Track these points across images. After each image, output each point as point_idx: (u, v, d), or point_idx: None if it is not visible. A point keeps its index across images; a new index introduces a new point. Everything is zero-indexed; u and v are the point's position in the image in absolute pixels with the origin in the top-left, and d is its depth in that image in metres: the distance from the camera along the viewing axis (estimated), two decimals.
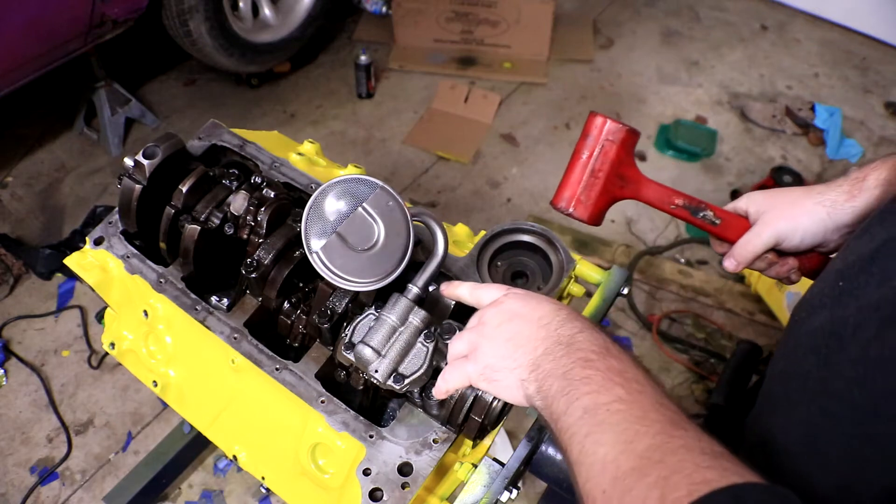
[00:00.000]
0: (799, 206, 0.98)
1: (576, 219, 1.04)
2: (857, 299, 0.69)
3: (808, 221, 0.97)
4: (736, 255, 1.02)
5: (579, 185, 1.02)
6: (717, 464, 0.59)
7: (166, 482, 2.16)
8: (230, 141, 1.33)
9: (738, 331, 2.71)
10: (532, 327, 0.80)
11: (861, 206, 0.94)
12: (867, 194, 0.94)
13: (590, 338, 0.76)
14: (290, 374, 1.09)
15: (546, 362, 0.76)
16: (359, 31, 4.14)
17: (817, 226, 0.97)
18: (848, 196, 0.95)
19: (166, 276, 1.20)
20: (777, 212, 0.99)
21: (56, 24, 2.65)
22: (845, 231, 0.98)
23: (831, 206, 0.96)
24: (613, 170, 1.02)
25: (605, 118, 1.01)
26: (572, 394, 0.70)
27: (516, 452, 1.02)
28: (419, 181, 3.30)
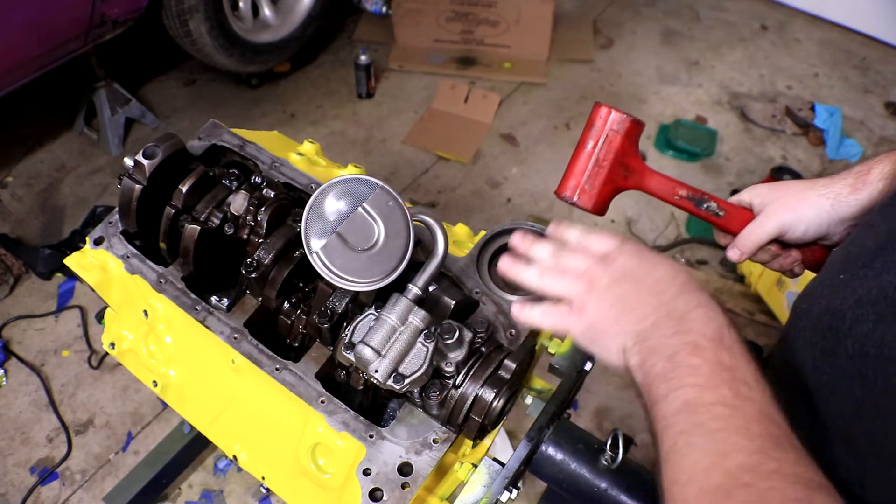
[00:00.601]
0: (803, 198, 0.98)
1: (580, 208, 1.03)
2: (854, 291, 0.69)
3: (812, 213, 0.97)
4: (740, 245, 1.02)
5: (584, 175, 1.01)
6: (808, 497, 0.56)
7: (166, 482, 2.16)
8: (230, 141, 1.33)
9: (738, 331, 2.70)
10: (644, 292, 0.74)
11: (865, 199, 0.94)
12: (871, 187, 0.94)
13: (704, 318, 0.70)
14: (290, 374, 1.09)
15: (653, 337, 0.71)
16: (359, 31, 4.14)
17: (821, 217, 0.97)
18: (852, 189, 0.95)
19: (166, 276, 1.20)
20: (781, 203, 0.99)
21: (56, 24, 2.65)
22: (849, 224, 0.98)
23: (835, 199, 0.96)
24: (618, 160, 1.02)
25: (609, 108, 1.01)
26: (675, 381, 0.66)
27: (516, 452, 1.02)
28: (419, 181, 3.30)
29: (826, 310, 0.73)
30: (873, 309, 0.65)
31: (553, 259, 0.82)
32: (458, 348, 0.96)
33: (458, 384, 0.98)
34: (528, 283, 0.82)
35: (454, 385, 0.98)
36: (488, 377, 0.97)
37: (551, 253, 0.83)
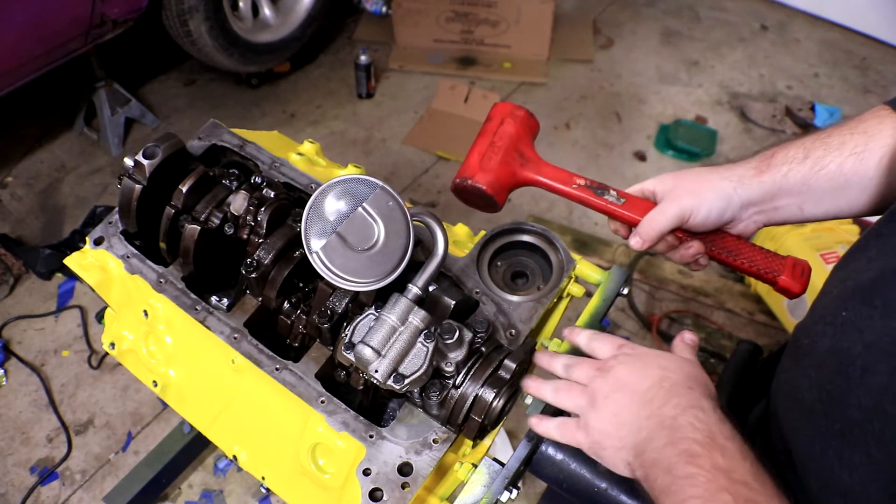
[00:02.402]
0: (705, 182, 0.97)
1: (476, 189, 1.03)
2: (861, 334, 0.67)
3: (714, 196, 0.95)
4: (641, 233, 1.00)
5: (479, 156, 1.04)
6: None
7: (166, 482, 2.16)
8: (230, 141, 1.33)
9: (738, 331, 2.71)
10: (636, 404, 0.79)
11: (769, 183, 0.94)
12: (774, 171, 0.94)
13: (694, 421, 0.73)
14: (290, 374, 1.09)
15: (649, 449, 0.74)
16: (359, 31, 4.14)
17: (723, 201, 0.96)
18: (756, 171, 0.95)
19: (166, 276, 1.20)
20: (682, 188, 0.98)
21: (56, 24, 2.65)
22: (753, 210, 0.97)
23: (738, 182, 0.95)
24: (513, 144, 1.04)
25: (506, 102, 1.06)
26: (677, 494, 0.69)
27: (516, 452, 1.02)
28: (419, 181, 3.30)
29: (832, 350, 0.71)
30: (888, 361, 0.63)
31: (565, 372, 0.91)
32: (458, 348, 0.96)
33: (458, 384, 0.98)
34: (547, 399, 0.91)
35: (454, 385, 0.98)
36: (488, 377, 0.97)
37: (564, 366, 0.92)
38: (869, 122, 0.93)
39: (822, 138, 0.94)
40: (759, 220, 1.00)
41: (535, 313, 1.13)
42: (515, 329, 1.11)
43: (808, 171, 0.93)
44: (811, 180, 0.93)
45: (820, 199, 0.95)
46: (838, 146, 0.93)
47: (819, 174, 0.93)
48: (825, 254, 2.50)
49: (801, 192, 0.95)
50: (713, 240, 1.01)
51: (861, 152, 0.91)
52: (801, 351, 0.78)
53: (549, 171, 1.05)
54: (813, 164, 0.93)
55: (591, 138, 3.52)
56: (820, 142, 0.94)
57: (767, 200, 0.96)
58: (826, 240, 2.57)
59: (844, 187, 0.92)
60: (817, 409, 0.72)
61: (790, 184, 0.94)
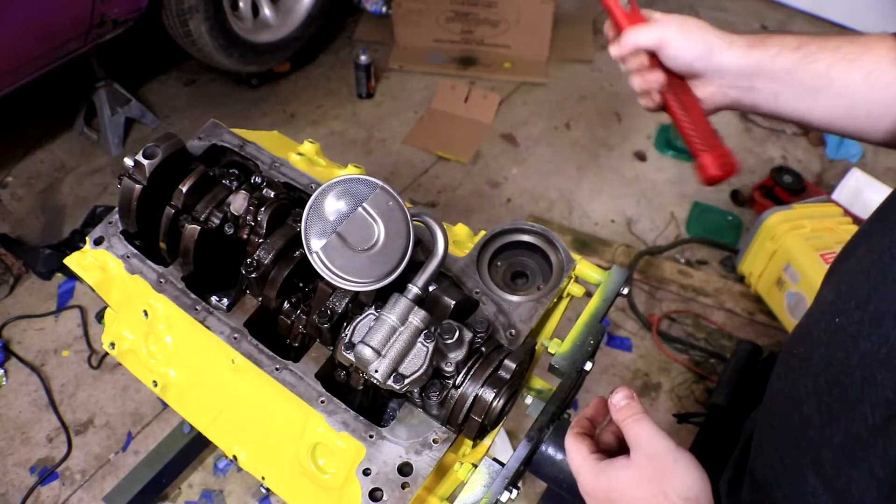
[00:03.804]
0: (697, 25, 0.99)
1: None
2: (857, 343, 0.67)
3: (698, 38, 0.97)
4: (621, 41, 1.03)
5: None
6: None
7: (166, 482, 2.16)
8: (230, 141, 1.33)
9: (738, 331, 2.71)
10: None
11: (755, 58, 0.95)
12: (764, 50, 0.95)
13: None
14: (290, 374, 1.09)
15: None
16: (359, 31, 4.14)
17: (705, 48, 0.97)
18: (746, 44, 0.96)
19: (166, 276, 1.20)
20: (675, 20, 1.00)
21: (56, 24, 2.65)
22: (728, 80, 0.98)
23: (727, 43, 0.96)
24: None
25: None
26: None
27: (516, 452, 1.02)
28: (419, 181, 3.30)
29: (827, 361, 0.70)
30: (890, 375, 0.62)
31: None
32: (458, 348, 0.96)
33: (458, 384, 0.98)
34: None
35: (454, 385, 0.98)
36: (488, 377, 0.97)
37: None
38: (870, 38, 0.93)
39: (820, 38, 0.95)
40: (729, 94, 1.01)
41: (535, 313, 1.13)
42: (515, 329, 1.11)
43: (796, 61, 0.93)
44: (796, 71, 0.93)
45: (798, 94, 0.95)
46: (833, 48, 0.93)
47: (806, 67, 0.93)
48: (825, 254, 2.50)
49: (783, 80, 0.95)
50: (676, 84, 1.03)
51: (853, 60, 0.91)
52: (797, 358, 0.78)
53: None
54: (804, 56, 0.93)
55: (591, 138, 3.52)
56: (818, 40, 0.94)
57: (746, 76, 0.97)
58: (826, 240, 2.57)
59: (825, 90, 0.93)
60: (815, 421, 0.71)
61: (775, 67, 0.94)
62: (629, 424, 0.82)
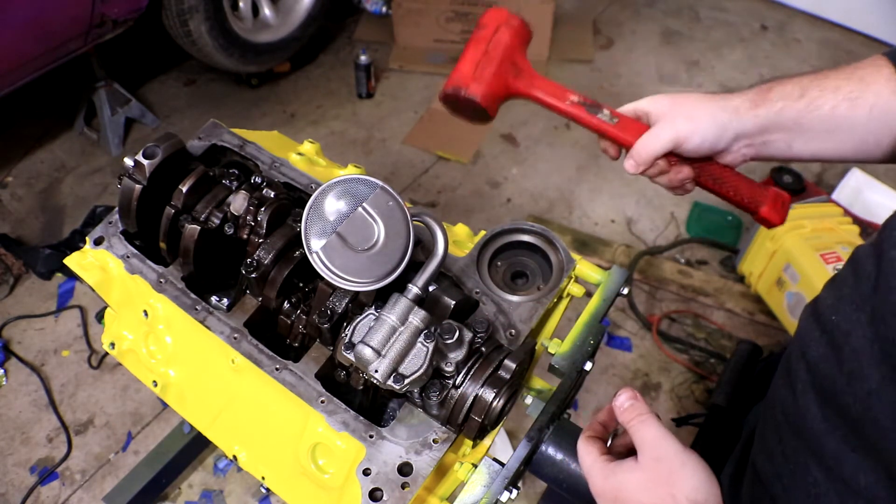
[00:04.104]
0: (701, 108, 0.97)
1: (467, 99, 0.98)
2: (846, 336, 0.68)
3: (709, 124, 0.96)
4: (634, 156, 1.00)
5: (473, 65, 0.98)
6: None
7: (166, 482, 2.16)
8: (230, 141, 1.33)
9: (738, 331, 2.71)
10: None
11: (763, 116, 0.95)
12: (770, 105, 0.95)
13: None
14: (290, 374, 1.09)
15: None
16: (359, 31, 4.14)
17: (717, 129, 0.96)
18: (751, 104, 0.96)
19: (166, 276, 1.20)
20: (678, 112, 0.98)
21: (56, 24, 2.65)
22: (744, 142, 0.99)
23: (733, 113, 0.96)
24: (507, 54, 0.99)
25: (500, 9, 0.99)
26: None
27: (516, 452, 1.02)
28: (419, 181, 3.30)
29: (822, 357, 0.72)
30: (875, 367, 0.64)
31: None
32: (458, 348, 0.96)
33: (458, 384, 0.98)
34: None
35: (454, 385, 0.98)
36: (488, 377, 0.97)
37: None
38: (866, 70, 0.94)
39: (818, 79, 0.95)
40: (747, 152, 1.02)
41: (535, 313, 1.13)
42: (515, 329, 1.11)
43: (802, 110, 0.94)
44: (804, 119, 0.94)
45: (809, 139, 0.96)
46: (833, 89, 0.94)
47: (812, 114, 0.94)
48: (825, 254, 2.50)
49: (793, 129, 0.96)
50: (702, 167, 1.02)
51: (855, 98, 0.92)
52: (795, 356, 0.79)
53: (543, 85, 1.02)
54: (808, 104, 0.94)
55: (591, 138, 3.50)
56: (817, 83, 0.95)
57: (759, 134, 0.97)
58: (826, 240, 2.57)
59: (834, 130, 0.94)
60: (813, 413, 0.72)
61: (783, 120, 0.95)
62: (635, 426, 0.82)
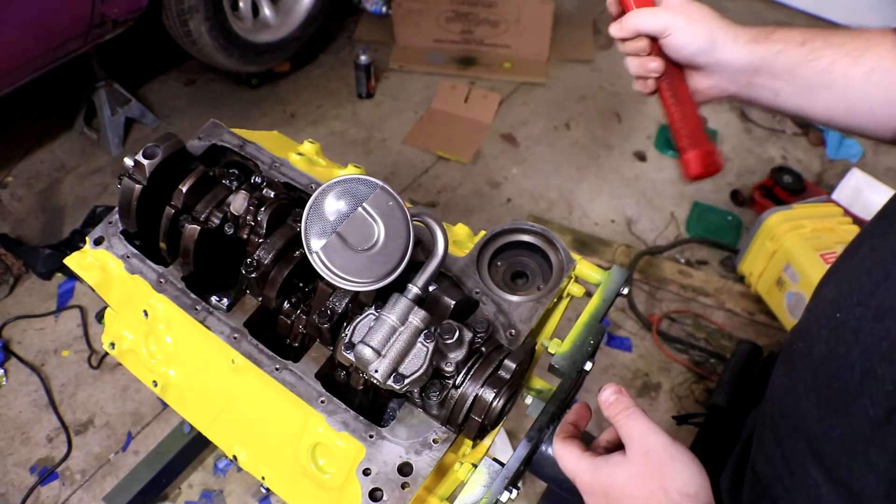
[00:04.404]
0: (705, 17, 0.97)
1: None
2: (855, 335, 0.67)
3: (704, 31, 0.96)
4: (623, 23, 0.99)
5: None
6: None
7: (166, 482, 2.16)
8: (230, 141, 1.33)
9: (738, 331, 2.71)
10: None
11: (758, 53, 0.94)
12: (768, 45, 0.94)
13: None
14: (290, 374, 1.09)
15: None
16: (359, 31, 4.14)
17: (708, 41, 0.96)
18: (751, 38, 0.95)
19: (166, 276, 1.20)
20: (683, 7, 0.98)
21: (56, 24, 2.65)
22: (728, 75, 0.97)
23: (732, 36, 0.95)
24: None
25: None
26: None
27: (516, 452, 1.02)
28: (419, 181, 3.30)
29: (827, 355, 0.71)
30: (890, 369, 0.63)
31: None
32: (458, 348, 0.96)
33: (458, 384, 0.98)
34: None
35: (454, 385, 0.98)
36: (488, 377, 0.97)
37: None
38: (873, 35, 0.92)
39: (824, 33, 0.93)
40: (728, 88, 1.00)
41: (535, 313, 1.13)
42: (515, 329, 1.11)
43: (800, 58, 0.92)
44: (800, 68, 0.92)
45: (800, 91, 0.94)
46: (838, 44, 0.92)
47: (809, 64, 0.92)
48: (825, 254, 2.50)
49: (785, 76, 0.94)
50: (673, 73, 1.01)
51: (857, 57, 0.90)
52: (797, 355, 0.78)
53: None
54: (808, 53, 0.92)
55: (591, 138, 3.52)
56: (822, 36, 0.93)
57: (747, 72, 0.96)
58: (826, 240, 2.57)
59: (828, 86, 0.92)
60: (814, 415, 0.71)
61: (778, 64, 0.93)
62: (621, 420, 0.82)
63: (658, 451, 0.77)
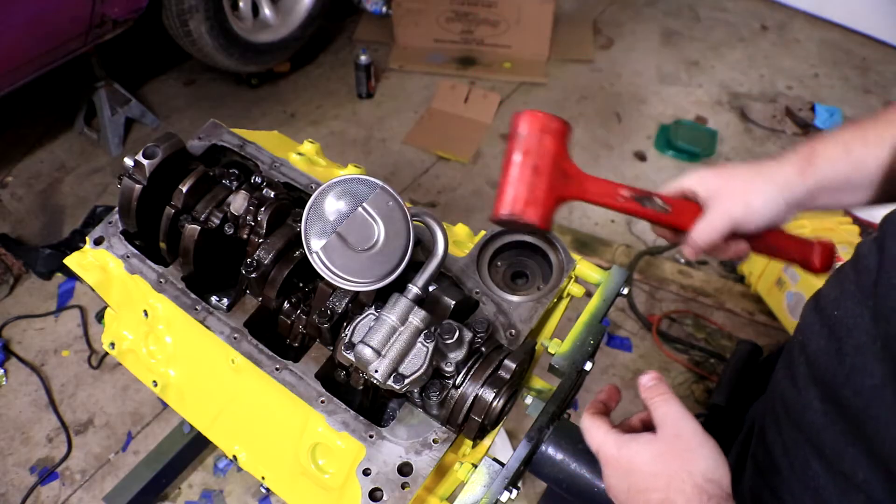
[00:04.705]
0: (752, 188, 0.96)
1: (525, 223, 0.95)
2: (849, 331, 0.69)
3: (761, 202, 0.95)
4: (692, 244, 0.99)
5: (524, 186, 0.93)
6: None
7: (166, 482, 2.16)
8: (230, 141, 1.33)
9: (738, 331, 2.71)
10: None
11: (812, 184, 0.94)
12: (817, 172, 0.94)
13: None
14: (290, 374, 1.09)
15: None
16: (359, 31, 4.14)
17: (770, 206, 0.96)
18: (798, 173, 0.95)
19: (166, 276, 1.20)
20: (729, 196, 0.97)
21: (56, 24, 2.65)
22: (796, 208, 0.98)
23: (784, 186, 0.95)
24: (556, 164, 0.94)
25: (534, 112, 0.94)
26: None
27: (516, 452, 1.02)
28: (419, 181, 3.30)
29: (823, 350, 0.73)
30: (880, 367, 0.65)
31: None
32: (458, 348, 0.96)
33: (458, 384, 0.98)
34: None
35: (454, 385, 0.98)
36: (488, 377, 0.97)
37: None
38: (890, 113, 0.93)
39: (860, 133, 0.94)
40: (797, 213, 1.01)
41: (535, 313, 1.13)
42: (515, 329, 1.11)
43: (849, 170, 0.93)
44: (852, 177, 0.94)
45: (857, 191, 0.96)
46: (877, 142, 0.92)
47: (860, 172, 0.93)
48: None
49: (842, 188, 0.95)
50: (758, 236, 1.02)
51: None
52: (797, 348, 0.80)
53: (594, 186, 0.99)
54: (854, 163, 0.93)
55: (592, 138, 3.52)
56: (859, 137, 0.94)
57: (809, 199, 0.97)
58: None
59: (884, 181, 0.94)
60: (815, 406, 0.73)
61: (831, 183, 0.95)
62: (657, 403, 0.83)
63: (689, 436, 0.78)
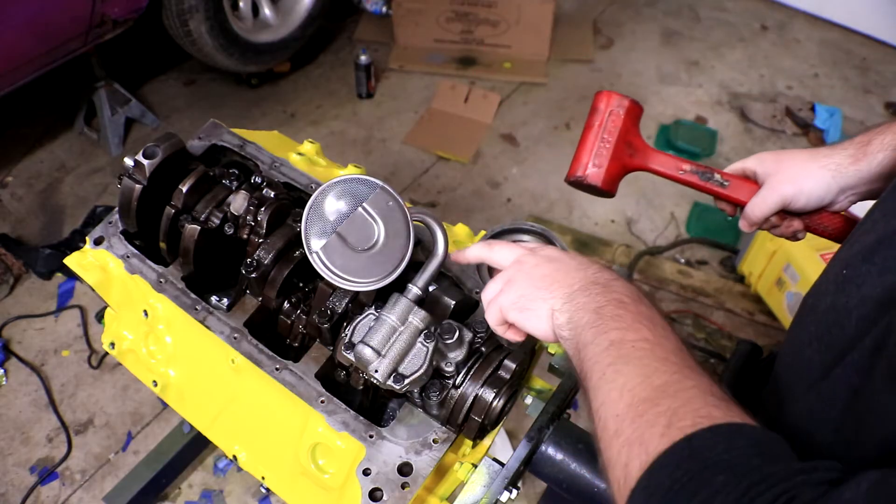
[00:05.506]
0: (804, 170, 1.01)
1: (590, 185, 1.07)
2: (858, 287, 0.71)
3: (813, 184, 1.01)
4: (747, 217, 1.08)
5: (592, 152, 1.07)
6: (723, 405, 0.64)
7: (166, 482, 2.16)
8: (230, 141, 1.33)
9: (738, 331, 2.71)
10: (569, 269, 0.84)
11: (865, 171, 0.98)
12: (870, 158, 0.97)
13: (624, 286, 0.80)
14: (290, 374, 1.09)
15: (581, 296, 0.79)
16: (359, 31, 4.14)
17: (822, 189, 1.01)
18: (852, 160, 0.99)
19: (166, 275, 1.20)
20: (783, 175, 1.03)
21: (56, 23, 2.65)
22: (850, 193, 1.02)
23: (836, 170, 0.99)
24: (622, 137, 1.07)
25: (610, 92, 1.08)
26: (601, 327, 0.74)
27: (516, 452, 1.02)
28: (419, 181, 3.30)
29: (831, 305, 0.75)
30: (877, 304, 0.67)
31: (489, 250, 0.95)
32: (458, 348, 0.96)
33: (458, 384, 0.98)
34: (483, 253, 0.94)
35: (454, 385, 0.98)
36: (488, 377, 0.97)
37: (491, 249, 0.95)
38: None
39: None
40: (853, 199, 1.05)
41: None
42: None
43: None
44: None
45: None
46: None
47: None
48: (825, 254, 2.50)
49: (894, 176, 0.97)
50: (812, 217, 1.08)
51: None
52: (807, 308, 0.83)
53: (657, 160, 1.10)
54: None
55: None
56: None
57: (862, 185, 1.00)
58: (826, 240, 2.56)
59: None
60: (815, 361, 0.75)
61: (884, 170, 0.98)
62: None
63: None
